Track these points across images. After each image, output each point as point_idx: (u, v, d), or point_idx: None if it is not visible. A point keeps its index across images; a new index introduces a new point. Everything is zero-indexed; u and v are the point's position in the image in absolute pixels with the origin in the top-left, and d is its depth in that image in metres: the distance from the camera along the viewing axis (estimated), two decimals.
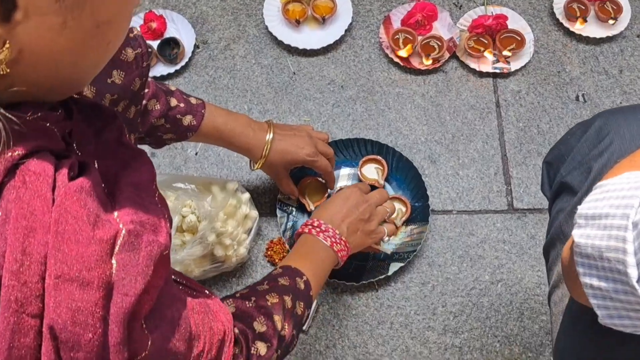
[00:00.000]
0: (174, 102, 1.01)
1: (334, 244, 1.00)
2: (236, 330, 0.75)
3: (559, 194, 0.82)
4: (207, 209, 1.10)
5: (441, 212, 1.29)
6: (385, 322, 1.19)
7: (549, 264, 0.82)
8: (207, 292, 0.68)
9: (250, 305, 0.80)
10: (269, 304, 0.84)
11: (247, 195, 1.20)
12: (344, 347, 1.18)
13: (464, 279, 1.22)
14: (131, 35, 0.85)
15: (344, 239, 1.01)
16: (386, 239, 1.15)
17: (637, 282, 0.47)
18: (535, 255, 1.24)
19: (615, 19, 1.46)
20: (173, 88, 1.04)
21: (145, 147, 1.34)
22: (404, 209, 1.24)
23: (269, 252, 1.22)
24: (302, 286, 0.90)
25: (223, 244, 1.14)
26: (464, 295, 1.21)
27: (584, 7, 1.49)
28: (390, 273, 1.18)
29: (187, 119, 1.02)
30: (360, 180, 1.27)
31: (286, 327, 0.83)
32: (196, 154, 1.34)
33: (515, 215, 1.28)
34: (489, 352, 1.17)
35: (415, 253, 1.20)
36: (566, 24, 1.48)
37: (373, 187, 1.27)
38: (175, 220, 1.10)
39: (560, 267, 0.78)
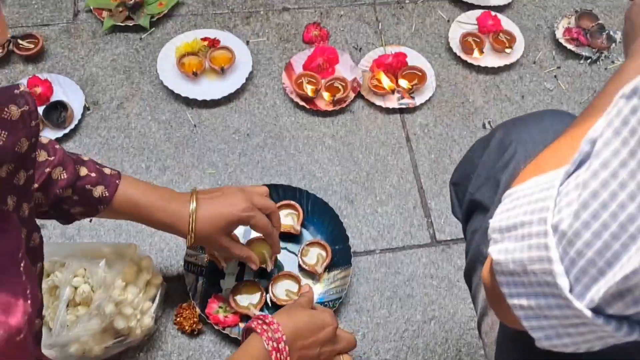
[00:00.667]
0: (84, 171, 0.89)
1: None
2: None
3: (471, 214, 0.77)
4: (102, 276, 0.97)
5: (364, 253, 1.21)
6: None
7: (473, 291, 0.75)
8: None
9: None
10: None
11: (147, 261, 1.09)
12: None
13: (395, 322, 1.14)
14: (17, 92, 0.75)
15: None
16: None
17: (570, 292, 0.41)
18: (465, 287, 1.17)
19: (511, 47, 1.49)
20: (86, 158, 0.92)
21: None
22: (324, 254, 1.16)
23: (178, 319, 1.09)
24: None
25: (124, 315, 1.00)
26: (397, 340, 1.12)
27: (478, 40, 1.51)
28: None
29: (98, 190, 0.89)
30: None
31: None
32: (90, 220, 1.22)
33: (439, 247, 1.22)
34: None
35: (340, 300, 1.11)
36: (464, 57, 1.49)
37: (288, 236, 1.18)
38: (66, 292, 0.96)
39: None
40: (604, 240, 0.38)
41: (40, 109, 1.33)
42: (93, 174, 0.90)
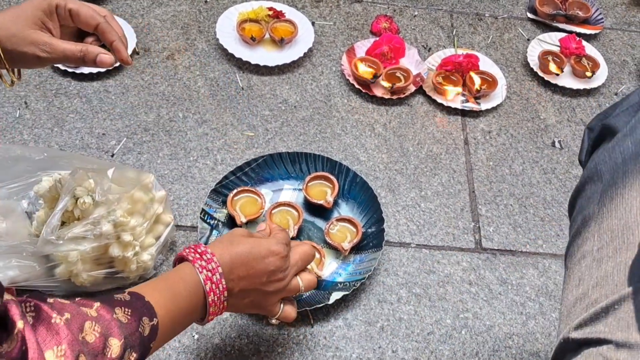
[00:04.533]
0: None
1: (213, 303, 0.73)
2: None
3: (597, 145, 0.66)
4: (107, 187, 0.87)
5: (397, 244, 1.07)
6: None
7: (575, 214, 0.65)
8: None
9: (57, 322, 0.53)
10: (82, 338, 0.55)
11: (162, 193, 0.98)
12: None
13: (421, 321, 0.98)
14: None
15: (225, 302, 0.74)
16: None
17: None
18: (507, 302, 1.02)
19: (593, 72, 1.37)
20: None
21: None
22: (354, 232, 1.03)
23: None
24: (147, 331, 0.63)
25: (121, 242, 0.89)
26: (420, 341, 0.96)
27: (559, 60, 1.40)
28: (331, 302, 0.94)
29: None
30: (305, 200, 1.07)
31: None
32: (112, 155, 1.13)
33: (484, 255, 1.08)
34: None
35: (362, 280, 0.97)
36: (541, 74, 1.38)
37: (319, 209, 1.06)
38: (65, 200, 0.86)
39: (587, 209, 0.61)
40: None
41: None
42: None
